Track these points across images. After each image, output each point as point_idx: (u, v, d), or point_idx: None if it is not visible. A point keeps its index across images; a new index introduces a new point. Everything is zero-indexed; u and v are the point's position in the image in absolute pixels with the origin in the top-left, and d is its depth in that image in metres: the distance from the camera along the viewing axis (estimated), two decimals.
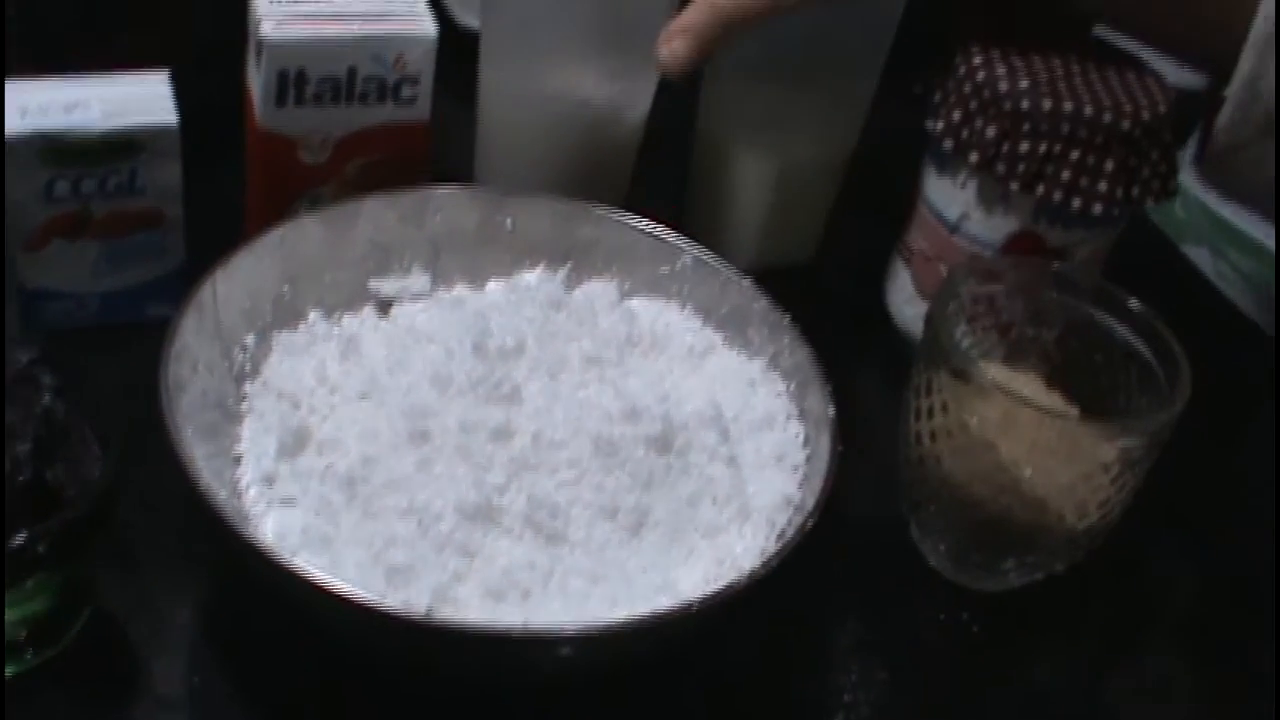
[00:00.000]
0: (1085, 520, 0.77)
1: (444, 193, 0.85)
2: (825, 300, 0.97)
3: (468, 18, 1.05)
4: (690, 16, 0.82)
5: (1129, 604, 0.85)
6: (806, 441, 0.78)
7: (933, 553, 0.83)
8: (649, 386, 0.79)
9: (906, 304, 0.93)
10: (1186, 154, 1.15)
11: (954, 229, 0.89)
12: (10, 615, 0.69)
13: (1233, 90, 0.83)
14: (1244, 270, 1.16)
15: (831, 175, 0.98)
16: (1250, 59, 0.82)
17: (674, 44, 0.82)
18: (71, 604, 0.72)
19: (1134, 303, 0.81)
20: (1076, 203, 0.84)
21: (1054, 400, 0.82)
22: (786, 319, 0.81)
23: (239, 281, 0.79)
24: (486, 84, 0.92)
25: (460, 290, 0.85)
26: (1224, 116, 0.84)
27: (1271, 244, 1.14)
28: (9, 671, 0.70)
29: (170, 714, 0.71)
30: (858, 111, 0.96)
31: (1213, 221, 1.17)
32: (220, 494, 0.70)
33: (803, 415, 0.79)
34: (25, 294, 0.84)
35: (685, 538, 0.75)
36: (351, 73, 0.84)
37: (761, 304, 0.82)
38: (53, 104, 0.81)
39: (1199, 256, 1.18)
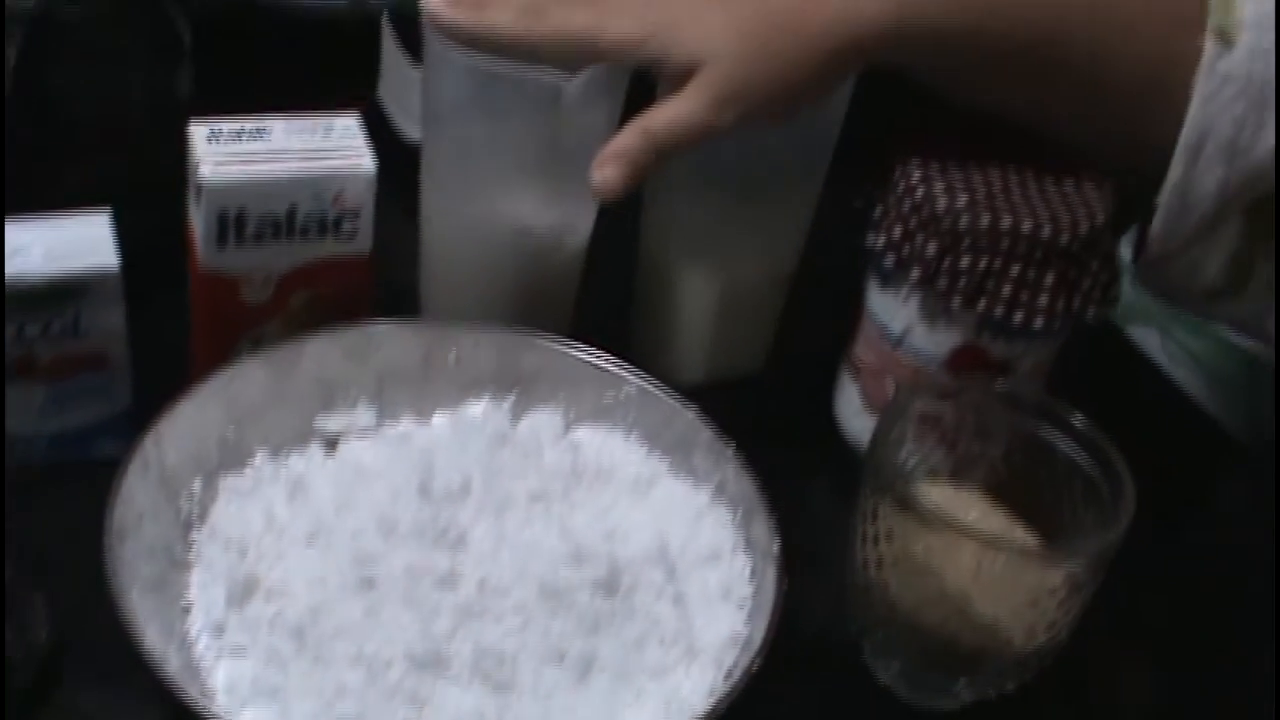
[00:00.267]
0: (1034, 642, 0.78)
1: (387, 329, 0.85)
2: (775, 412, 0.97)
3: (414, 132, 1.05)
4: (622, 141, 0.82)
5: (1084, 717, 0.85)
6: (754, 574, 0.78)
7: (885, 673, 0.83)
8: (594, 522, 0.80)
9: (855, 416, 0.94)
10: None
11: (898, 343, 0.89)
12: None
13: (1164, 199, 0.84)
14: (1192, 350, 1.17)
15: (777, 288, 0.98)
16: (1179, 168, 0.82)
17: (606, 170, 0.81)
18: None
19: (1078, 419, 0.81)
20: (1018, 317, 0.85)
21: (998, 521, 0.82)
22: (730, 449, 0.81)
23: (183, 428, 0.79)
24: (428, 212, 0.93)
25: (406, 424, 0.85)
26: (1156, 225, 0.85)
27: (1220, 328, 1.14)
28: None
29: None
30: (800, 225, 0.96)
31: (1160, 302, 1.17)
32: (169, 648, 0.71)
33: (749, 546, 0.79)
34: None
35: (633, 680, 0.75)
36: (291, 210, 0.84)
37: (706, 434, 0.82)
38: None
39: (1146, 337, 1.19)
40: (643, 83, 0.86)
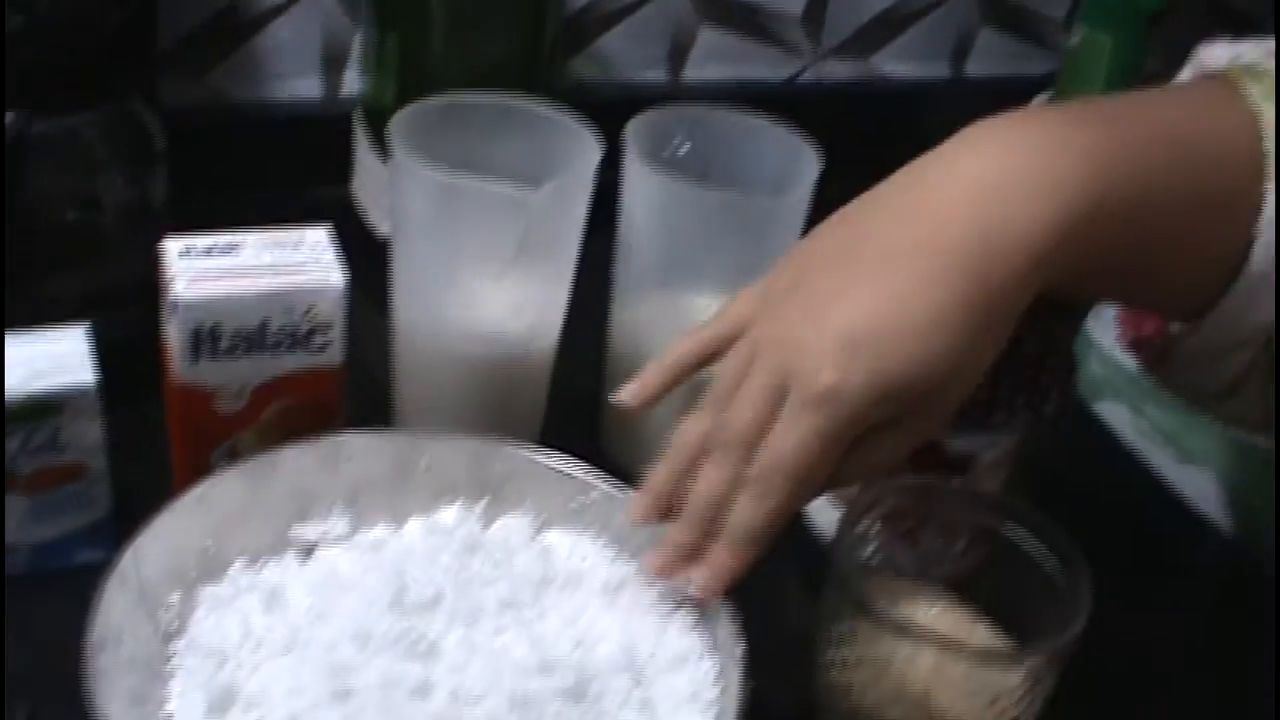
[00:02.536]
0: None
1: (359, 439, 0.87)
2: None
3: (386, 227, 1.07)
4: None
5: None
6: (720, 676, 0.79)
7: None
8: (564, 628, 0.81)
9: (821, 509, 0.95)
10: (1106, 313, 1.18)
11: None
12: None
13: (1209, 322, 0.82)
14: (1164, 426, 1.18)
15: None
16: (1235, 299, 0.81)
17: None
18: None
19: (1036, 515, 0.83)
20: (975, 413, 0.86)
21: (961, 618, 0.84)
22: None
23: (162, 542, 0.80)
24: (399, 320, 0.95)
25: (380, 530, 0.87)
26: (1196, 342, 0.84)
27: None
28: None
29: None
30: None
31: (1129, 379, 1.19)
32: None
33: (715, 649, 0.80)
34: None
35: None
36: (264, 325, 0.86)
37: None
38: None
39: (1116, 413, 1.20)
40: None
